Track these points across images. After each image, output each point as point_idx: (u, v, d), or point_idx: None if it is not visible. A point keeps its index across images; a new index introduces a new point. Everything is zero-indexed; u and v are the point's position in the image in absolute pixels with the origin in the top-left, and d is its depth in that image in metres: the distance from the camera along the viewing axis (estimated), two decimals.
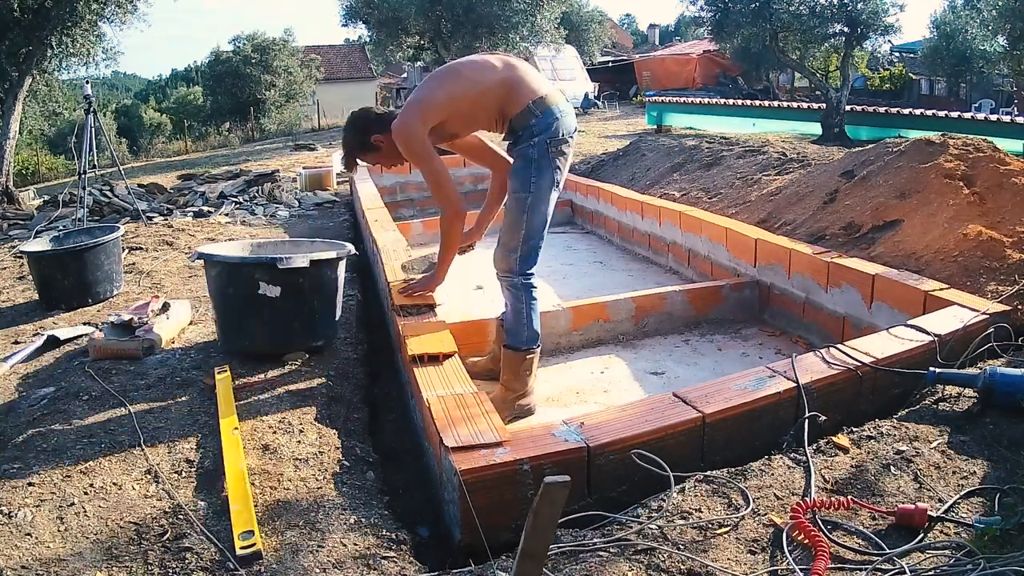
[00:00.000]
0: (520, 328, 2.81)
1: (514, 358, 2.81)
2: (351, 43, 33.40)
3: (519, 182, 2.70)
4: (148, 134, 30.28)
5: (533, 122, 2.64)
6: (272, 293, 2.85)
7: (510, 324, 2.85)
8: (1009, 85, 18.99)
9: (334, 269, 3.05)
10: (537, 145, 2.65)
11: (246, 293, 2.88)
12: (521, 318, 2.80)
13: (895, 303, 3.08)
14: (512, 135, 2.73)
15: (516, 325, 2.82)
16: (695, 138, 8.34)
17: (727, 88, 22.65)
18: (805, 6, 11.27)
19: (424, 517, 2.21)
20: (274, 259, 2.83)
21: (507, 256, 2.76)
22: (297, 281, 2.87)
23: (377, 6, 12.81)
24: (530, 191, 2.68)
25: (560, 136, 2.67)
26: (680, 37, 44.06)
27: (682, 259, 4.82)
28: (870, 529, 1.70)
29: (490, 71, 2.70)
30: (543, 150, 2.65)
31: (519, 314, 2.80)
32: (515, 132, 2.70)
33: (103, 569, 1.75)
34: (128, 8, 8.95)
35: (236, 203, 7.80)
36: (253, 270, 2.88)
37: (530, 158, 2.66)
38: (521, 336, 2.82)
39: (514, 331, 2.83)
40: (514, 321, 2.83)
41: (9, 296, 4.33)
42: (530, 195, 2.68)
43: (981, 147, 3.94)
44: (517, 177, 2.71)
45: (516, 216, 2.71)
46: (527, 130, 2.66)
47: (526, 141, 2.66)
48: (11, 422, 2.58)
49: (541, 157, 2.66)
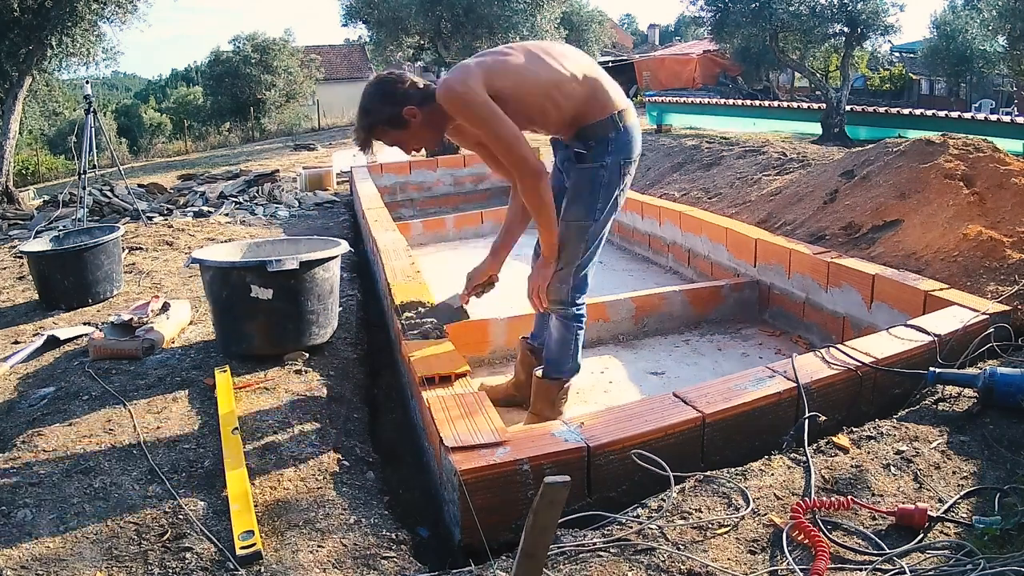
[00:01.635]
0: (564, 359, 2.61)
1: (552, 388, 2.63)
2: (351, 43, 33.35)
3: (582, 208, 2.38)
4: (148, 134, 30.26)
5: (612, 135, 2.32)
6: (264, 295, 2.85)
7: (553, 354, 2.64)
8: (1009, 85, 18.98)
9: (327, 268, 3.03)
10: (610, 168, 2.34)
11: (239, 296, 2.89)
12: (567, 349, 2.59)
13: (895, 303, 3.08)
14: (580, 144, 2.37)
15: (560, 355, 2.61)
16: (695, 138, 8.34)
17: (727, 88, 22.63)
18: (805, 6, 11.25)
19: (424, 517, 2.21)
20: (264, 262, 2.83)
21: (560, 288, 2.48)
22: (289, 283, 2.87)
23: (377, 6, 12.80)
24: (594, 219, 2.38)
25: (633, 158, 2.41)
26: (680, 37, 44.03)
27: (682, 259, 4.82)
28: (870, 529, 1.70)
29: (579, 63, 2.34)
30: (617, 173, 2.35)
31: (565, 345, 2.59)
32: (585, 142, 2.35)
33: (103, 569, 1.75)
34: (128, 8, 8.94)
35: (236, 203, 7.80)
36: (244, 273, 2.89)
37: (600, 182, 2.34)
38: (564, 367, 2.62)
39: (556, 362, 2.63)
40: (558, 352, 2.61)
41: (9, 296, 4.33)
42: (593, 223, 2.39)
43: (981, 147, 3.94)
44: (579, 202, 2.38)
45: (574, 246, 2.41)
46: (602, 144, 2.32)
47: (599, 159, 2.33)
48: (11, 422, 2.58)
49: (612, 181, 2.35)
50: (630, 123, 2.35)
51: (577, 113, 2.32)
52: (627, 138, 2.34)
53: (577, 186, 2.40)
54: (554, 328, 2.61)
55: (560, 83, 2.27)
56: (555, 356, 2.63)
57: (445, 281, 3.79)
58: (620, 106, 2.34)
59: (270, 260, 2.83)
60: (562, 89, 2.27)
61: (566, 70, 2.29)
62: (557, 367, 2.63)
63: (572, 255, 2.42)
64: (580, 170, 2.39)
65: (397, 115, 2.26)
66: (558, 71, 2.28)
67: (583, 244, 2.41)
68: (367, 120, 2.30)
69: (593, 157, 2.34)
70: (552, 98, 2.28)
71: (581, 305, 2.55)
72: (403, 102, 2.26)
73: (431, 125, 2.32)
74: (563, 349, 2.60)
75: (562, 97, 2.28)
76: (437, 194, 7.81)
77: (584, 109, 2.31)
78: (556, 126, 2.38)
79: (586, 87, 2.30)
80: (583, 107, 2.31)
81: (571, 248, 2.42)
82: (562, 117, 2.33)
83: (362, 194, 6.27)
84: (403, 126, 2.29)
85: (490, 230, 6.32)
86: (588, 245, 2.42)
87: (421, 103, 2.27)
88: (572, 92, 2.28)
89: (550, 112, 2.31)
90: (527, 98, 2.27)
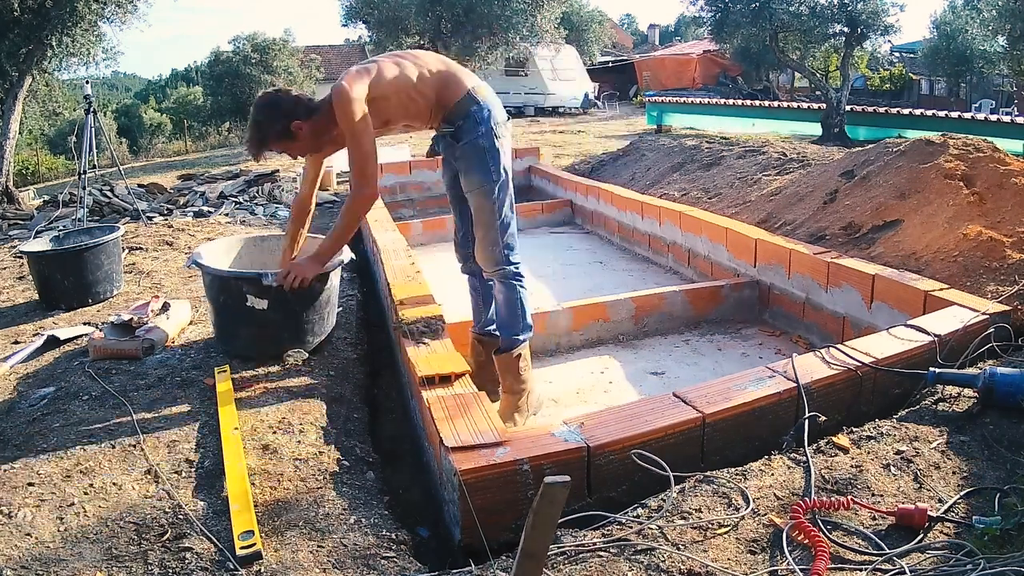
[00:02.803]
0: (515, 320, 2.76)
1: (511, 359, 2.76)
2: (351, 43, 33.32)
3: (478, 174, 2.63)
4: (148, 134, 30.22)
5: (474, 109, 2.60)
6: (259, 305, 2.86)
7: (505, 319, 2.80)
8: (1009, 85, 18.97)
9: (323, 280, 3.01)
10: (485, 135, 2.61)
11: (236, 303, 2.89)
12: (516, 309, 2.75)
13: (895, 303, 3.08)
14: (450, 125, 2.66)
15: (511, 318, 2.77)
16: (695, 138, 8.34)
17: (727, 88, 22.64)
18: (805, 6, 11.25)
19: (424, 517, 2.21)
20: (259, 275, 2.83)
21: (493, 251, 2.69)
22: (284, 295, 2.86)
23: (377, 6, 12.79)
24: (493, 179, 2.63)
25: (500, 121, 2.66)
26: (680, 37, 44.02)
27: (682, 259, 4.82)
28: (870, 529, 1.70)
29: (428, 60, 2.68)
30: (492, 137, 2.62)
31: (514, 305, 2.75)
32: (452, 122, 2.64)
33: (103, 569, 1.75)
34: (128, 8, 8.93)
35: (236, 203, 7.80)
36: (241, 283, 2.89)
37: (481, 147, 2.61)
38: (517, 328, 2.77)
39: (509, 325, 2.78)
40: (509, 315, 2.77)
41: (9, 296, 4.33)
42: (494, 184, 2.63)
43: (981, 147, 3.94)
44: (473, 171, 2.64)
45: (487, 209, 2.65)
46: (468, 119, 2.61)
47: (473, 131, 2.60)
48: (11, 422, 2.58)
49: (492, 145, 2.62)
50: (484, 95, 2.65)
51: (438, 99, 2.62)
52: (487, 107, 2.63)
53: (466, 159, 2.65)
54: (498, 293, 2.78)
55: (422, 76, 2.61)
56: (507, 320, 2.78)
57: (445, 281, 3.79)
58: (472, 84, 2.64)
59: (265, 273, 2.82)
60: (426, 80, 2.62)
61: (427, 63, 2.64)
62: (511, 330, 2.77)
63: (490, 218, 2.65)
64: (463, 146, 2.64)
65: (286, 128, 2.55)
66: (421, 66, 2.62)
67: (494, 204, 2.64)
68: (259, 134, 2.60)
69: (467, 131, 2.61)
70: (419, 88, 2.60)
71: (518, 264, 2.74)
72: (291, 116, 2.54)
73: (314, 135, 2.61)
74: (512, 309, 2.75)
75: (426, 86, 2.61)
76: (437, 194, 7.80)
77: (443, 94, 2.62)
78: (426, 116, 2.67)
79: (439, 76, 2.63)
80: (442, 93, 2.62)
81: (486, 212, 2.65)
82: (428, 105, 2.63)
83: None
84: (291, 137, 2.58)
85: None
86: (499, 205, 2.65)
87: (307, 116, 2.56)
88: (434, 81, 2.62)
89: (419, 102, 2.62)
90: (400, 94, 2.59)
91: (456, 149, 2.68)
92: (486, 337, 2.99)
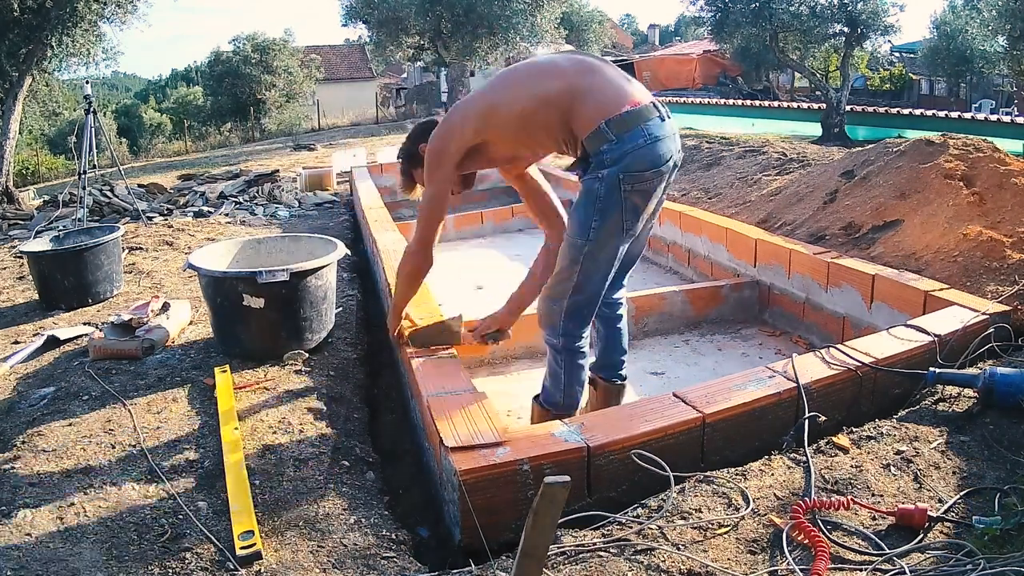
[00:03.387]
0: (556, 393, 2.34)
1: (544, 415, 2.38)
2: (351, 43, 33.37)
3: (574, 224, 2.17)
4: (148, 134, 30.25)
5: (604, 148, 2.04)
6: (256, 304, 2.86)
7: (546, 382, 2.41)
8: (1009, 85, 18.97)
9: (320, 276, 3.02)
10: (606, 181, 2.05)
11: (232, 303, 2.90)
12: (559, 383, 2.32)
13: (895, 303, 3.08)
14: (581, 162, 2.16)
15: (551, 387, 2.36)
16: (695, 138, 8.33)
17: (727, 88, 22.64)
18: (805, 6, 11.27)
19: (424, 517, 2.21)
20: (253, 273, 2.84)
21: (549, 309, 2.24)
22: (280, 292, 2.86)
23: (377, 6, 12.81)
24: (587, 238, 2.12)
25: (642, 170, 2.06)
26: (680, 37, 44.06)
27: (682, 259, 4.82)
28: (870, 529, 1.70)
29: (553, 76, 2.14)
30: (612, 186, 2.05)
31: (556, 378, 2.33)
32: (584, 159, 2.13)
33: (103, 569, 1.75)
34: (128, 8, 8.94)
35: (236, 203, 7.80)
36: (236, 283, 2.90)
37: (593, 197, 2.08)
38: (552, 400, 2.36)
39: (547, 392, 2.39)
40: (550, 383, 2.37)
41: (9, 296, 4.33)
42: (587, 243, 2.12)
43: (981, 147, 3.94)
44: (573, 217, 2.19)
45: (567, 265, 2.18)
46: (596, 157, 2.06)
47: (592, 172, 2.09)
48: (11, 422, 2.58)
49: (609, 195, 2.06)
50: (636, 127, 2.04)
51: (569, 129, 2.12)
52: (627, 146, 2.03)
53: (576, 201, 2.19)
54: (548, 356, 2.37)
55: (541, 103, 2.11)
56: (547, 385, 2.40)
57: (445, 281, 3.79)
58: (619, 109, 2.05)
59: (260, 271, 2.83)
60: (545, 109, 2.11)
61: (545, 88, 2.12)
62: (550, 399, 2.38)
63: (562, 276, 2.20)
64: (582, 183, 2.18)
65: (415, 151, 2.34)
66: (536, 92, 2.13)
67: (575, 265, 2.16)
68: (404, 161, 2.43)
69: (589, 171, 2.13)
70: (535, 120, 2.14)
71: (578, 338, 2.26)
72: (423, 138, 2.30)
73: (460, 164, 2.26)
74: (554, 382, 2.34)
75: (545, 116, 2.12)
76: None
77: (572, 123, 2.10)
78: (560, 147, 2.22)
79: (569, 97, 2.08)
80: (570, 121, 2.10)
81: (562, 267, 2.20)
82: (556, 138, 2.17)
83: (362, 194, 6.27)
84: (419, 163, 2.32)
85: (490, 230, 6.32)
86: (580, 267, 2.15)
87: None
88: (556, 109, 2.10)
89: (541, 136, 2.20)
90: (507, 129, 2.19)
91: None
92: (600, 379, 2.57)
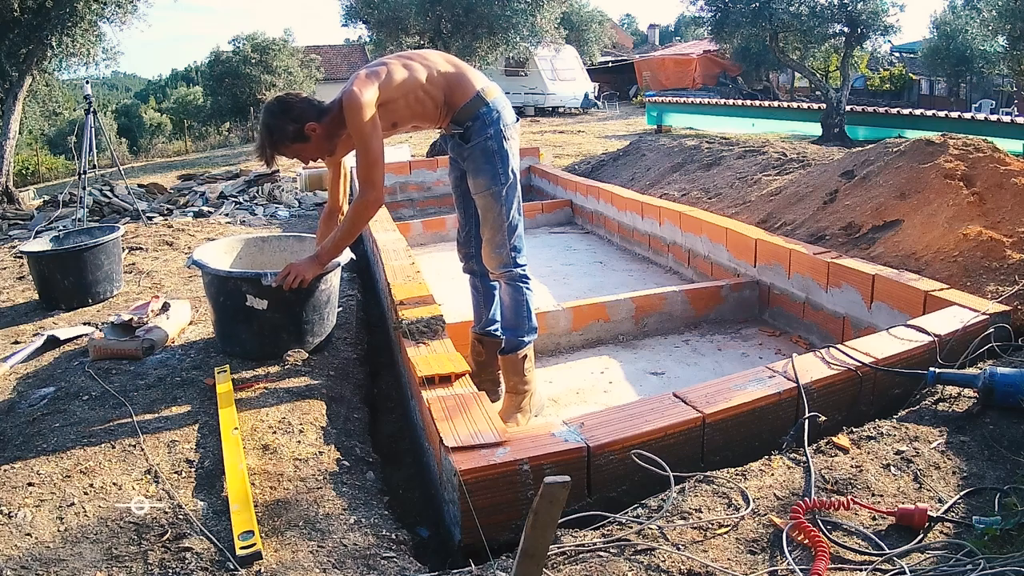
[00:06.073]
0: (521, 322, 2.78)
1: (515, 360, 2.79)
2: (351, 43, 33.34)
3: (486, 177, 2.65)
4: (148, 134, 30.25)
5: (483, 110, 2.61)
6: (259, 305, 2.86)
7: (510, 321, 2.81)
8: (1009, 85, 18.98)
9: (324, 281, 3.00)
10: (494, 137, 2.62)
11: (236, 303, 2.89)
12: (522, 311, 2.77)
13: (895, 303, 3.08)
14: (459, 126, 2.67)
15: (516, 320, 2.79)
16: (695, 138, 8.34)
17: (727, 88, 22.65)
18: (805, 6, 11.27)
19: (424, 517, 2.21)
20: (258, 275, 2.83)
21: (499, 253, 2.71)
22: (284, 295, 2.85)
23: (377, 6, 12.79)
24: (501, 182, 2.64)
25: (508, 123, 2.66)
26: (680, 37, 44.01)
27: (682, 259, 4.82)
28: (870, 529, 1.70)
29: (437, 61, 2.68)
30: (501, 139, 2.63)
31: (520, 306, 2.77)
32: (462, 123, 2.65)
33: (103, 569, 1.75)
34: (128, 8, 8.95)
35: (236, 203, 7.80)
36: (240, 283, 2.89)
37: (490, 150, 2.62)
38: (522, 330, 2.79)
39: (515, 327, 2.80)
40: (514, 317, 2.79)
41: (9, 296, 4.33)
42: (502, 186, 2.64)
43: (981, 147, 3.94)
44: (482, 173, 2.65)
45: (495, 211, 2.66)
46: (477, 119, 2.62)
47: (482, 133, 2.62)
48: (11, 422, 2.58)
49: (501, 147, 2.63)
50: (494, 96, 2.65)
51: (447, 100, 2.63)
52: (496, 108, 2.63)
53: (474, 161, 2.65)
54: (504, 294, 2.79)
55: (429, 78, 2.60)
56: (512, 321, 2.80)
57: (445, 281, 3.79)
58: (481, 85, 2.64)
59: (264, 274, 2.82)
60: (435, 81, 2.61)
61: (429, 67, 2.62)
62: (516, 331, 2.79)
63: (497, 220, 2.66)
64: (471, 148, 2.65)
65: (299, 131, 2.54)
66: (429, 66, 2.62)
67: (502, 207, 2.65)
68: (272, 138, 2.56)
69: (476, 132, 2.62)
70: (426, 92, 2.60)
71: (524, 265, 2.76)
72: (303, 119, 2.54)
73: (327, 137, 2.61)
74: (518, 311, 2.78)
75: (433, 89, 2.61)
76: (437, 194, 7.81)
77: (452, 95, 2.62)
78: (436, 117, 2.67)
79: (447, 76, 2.62)
80: (451, 94, 2.62)
81: (494, 214, 2.66)
82: (437, 106, 2.63)
83: None
84: (304, 140, 2.56)
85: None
86: (507, 207, 2.66)
87: (319, 118, 2.55)
88: (443, 82, 2.62)
89: (428, 104, 2.62)
90: (410, 96, 2.59)
91: (464, 150, 2.69)
92: (486, 337, 3.00)
